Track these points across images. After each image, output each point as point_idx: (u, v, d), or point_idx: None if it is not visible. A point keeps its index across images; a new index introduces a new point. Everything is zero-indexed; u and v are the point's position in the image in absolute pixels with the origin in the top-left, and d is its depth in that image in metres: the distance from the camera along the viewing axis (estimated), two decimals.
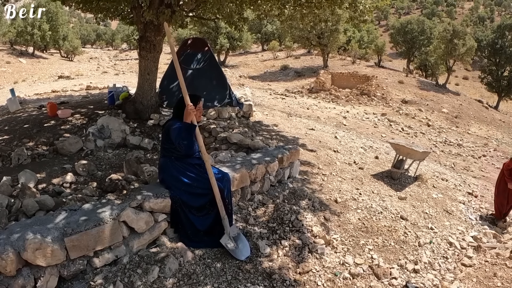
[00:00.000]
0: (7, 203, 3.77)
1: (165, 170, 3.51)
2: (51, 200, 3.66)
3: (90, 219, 2.84)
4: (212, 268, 3.26)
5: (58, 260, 2.68)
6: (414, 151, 6.95)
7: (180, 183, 3.42)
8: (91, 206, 3.04)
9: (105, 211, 2.96)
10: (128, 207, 3.04)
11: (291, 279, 3.34)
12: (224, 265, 3.34)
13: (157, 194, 3.30)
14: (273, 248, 3.70)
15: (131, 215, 3.03)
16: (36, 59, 33.37)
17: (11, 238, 2.60)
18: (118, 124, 6.32)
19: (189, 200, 3.42)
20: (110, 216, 2.92)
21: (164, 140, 3.51)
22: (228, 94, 8.38)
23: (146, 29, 6.25)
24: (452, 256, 4.37)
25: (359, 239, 4.23)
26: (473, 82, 44.90)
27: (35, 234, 2.62)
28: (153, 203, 3.22)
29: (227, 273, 3.25)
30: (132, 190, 3.42)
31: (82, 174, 4.99)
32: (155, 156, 5.79)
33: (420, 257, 4.13)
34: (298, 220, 4.18)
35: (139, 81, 6.69)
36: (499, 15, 78.87)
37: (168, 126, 3.43)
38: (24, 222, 2.87)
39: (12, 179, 4.74)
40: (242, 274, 3.27)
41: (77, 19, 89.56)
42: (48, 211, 3.55)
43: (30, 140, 6.76)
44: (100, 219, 2.87)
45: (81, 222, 2.80)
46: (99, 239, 2.83)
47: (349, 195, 5.34)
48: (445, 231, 4.93)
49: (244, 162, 4.38)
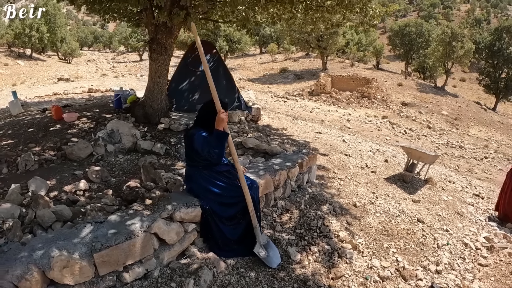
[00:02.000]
0: (19, 213, 3.61)
1: (193, 180, 3.38)
2: (68, 210, 3.52)
3: (120, 232, 2.72)
4: (246, 278, 3.20)
5: (86, 278, 2.55)
6: (426, 155, 6.98)
7: (210, 193, 3.32)
8: (119, 218, 2.92)
9: (135, 223, 2.84)
10: (159, 218, 2.92)
11: (325, 284, 3.36)
12: (258, 274, 3.30)
13: (187, 203, 3.19)
14: (303, 254, 3.70)
15: (162, 227, 2.92)
16: (34, 61, 33.19)
17: (34, 256, 2.42)
18: (128, 128, 6.18)
19: (219, 210, 3.34)
20: (141, 228, 2.80)
21: (188, 149, 3.37)
22: (237, 97, 8.35)
23: (157, 31, 6.12)
24: (469, 257, 4.45)
25: (382, 243, 4.28)
26: (470, 84, 45.19)
27: (61, 250, 2.47)
28: (183, 213, 3.11)
29: (262, 282, 3.23)
30: (159, 199, 3.30)
31: (95, 181, 4.80)
32: (168, 162, 5.67)
33: (441, 259, 4.21)
34: (325, 226, 4.18)
35: (149, 84, 6.57)
36: (495, 17, 79.67)
37: (191, 135, 3.26)
38: (45, 236, 2.71)
39: (21, 187, 4.51)
40: (277, 282, 3.25)
41: (74, 21, 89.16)
42: (65, 222, 3.45)
43: (36, 144, 6.52)
44: (131, 232, 2.74)
45: (110, 236, 2.68)
46: (130, 253, 2.71)
47: (367, 199, 5.34)
48: (459, 233, 4.99)
49: (266, 168, 4.30)
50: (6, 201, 3.82)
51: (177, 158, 5.83)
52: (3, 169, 5.51)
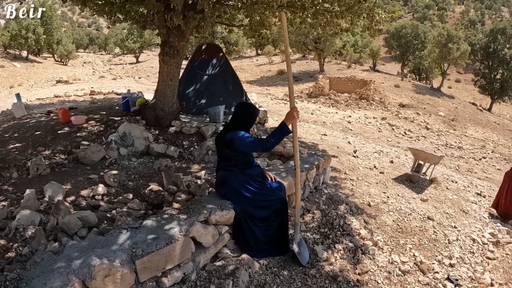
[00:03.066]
0: (40, 220, 3.53)
1: (227, 184, 3.44)
2: (94, 216, 3.48)
3: (160, 237, 2.70)
4: (280, 277, 3.30)
5: (127, 285, 2.51)
6: (432, 156, 7.18)
7: (243, 198, 3.39)
8: (155, 223, 2.90)
9: (173, 227, 2.83)
10: (197, 222, 2.94)
11: (353, 280, 3.52)
12: (291, 272, 3.41)
13: (221, 206, 3.23)
14: (328, 252, 3.86)
15: (200, 230, 2.94)
16: (30, 63, 32.98)
17: (72, 266, 2.32)
18: (140, 131, 6.18)
19: (253, 212, 3.41)
20: (180, 232, 2.79)
21: (225, 152, 3.42)
22: (245, 100, 8.39)
23: (169, 34, 6.12)
24: (477, 251, 4.72)
25: (399, 239, 4.50)
26: (465, 84, 45.63)
27: (102, 258, 2.40)
28: (218, 216, 3.16)
29: (296, 280, 3.33)
30: (191, 203, 3.32)
31: (112, 185, 4.74)
32: (183, 165, 5.68)
33: (452, 253, 4.46)
34: (347, 224, 4.35)
35: (161, 87, 6.57)
36: (489, 18, 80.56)
37: (231, 139, 3.28)
38: (79, 244, 2.63)
39: (36, 192, 4.37)
40: (310, 280, 3.38)
41: (69, 23, 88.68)
42: (89, 228, 3.40)
43: (46, 148, 6.44)
44: (171, 236, 2.73)
45: (150, 241, 2.64)
46: (170, 257, 2.70)
47: (379, 199, 5.52)
48: (466, 229, 5.24)
49: (287, 170, 4.37)
50: (24, 207, 3.75)
51: (191, 161, 5.86)
52: (13, 174, 5.42)
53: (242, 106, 3.51)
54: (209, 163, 5.70)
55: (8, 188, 4.76)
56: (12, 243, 3.12)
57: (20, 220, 3.42)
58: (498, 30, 30.40)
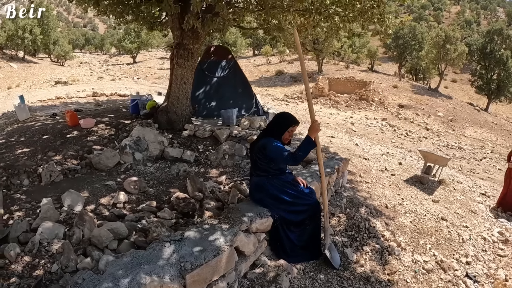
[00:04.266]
0: (64, 232, 3.37)
1: (263, 190, 3.47)
2: (124, 227, 3.37)
3: (207, 249, 2.65)
4: (318, 280, 3.40)
5: None
6: (442, 158, 7.32)
7: (281, 202, 3.43)
8: (198, 234, 2.85)
9: (218, 238, 2.80)
10: (240, 231, 2.93)
11: (384, 280, 3.68)
12: (326, 275, 3.52)
13: (260, 214, 3.24)
14: (357, 254, 3.97)
15: (244, 239, 2.94)
16: (27, 63, 32.71)
17: (120, 285, 2.23)
18: (154, 135, 6.11)
19: (290, 217, 3.46)
20: (225, 243, 2.77)
21: (259, 159, 3.46)
22: (254, 103, 8.40)
23: (184, 36, 6.08)
24: (489, 249, 4.91)
25: (418, 240, 4.65)
26: (462, 84, 45.99)
27: (151, 275, 2.31)
28: (258, 224, 3.17)
29: (333, 282, 3.45)
30: (229, 211, 3.31)
31: (133, 192, 4.61)
32: (201, 169, 5.62)
33: (468, 252, 4.66)
34: (372, 227, 4.48)
35: (174, 90, 6.53)
36: (485, 18, 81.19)
37: (264, 145, 3.35)
38: (120, 261, 2.52)
39: (52, 201, 4.20)
40: (345, 282, 3.50)
41: (65, 23, 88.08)
42: (119, 240, 3.29)
43: (56, 153, 6.19)
44: (217, 247, 2.70)
45: (198, 254, 2.59)
46: (216, 269, 2.66)
47: (395, 201, 5.63)
48: (477, 228, 5.42)
49: (312, 175, 4.40)
50: (43, 219, 3.58)
51: (208, 165, 5.82)
52: (24, 181, 5.18)
53: (276, 114, 3.61)
54: (226, 167, 5.67)
55: (21, 197, 4.61)
56: (38, 259, 2.97)
57: (43, 233, 3.25)
58: (495, 31, 30.66)
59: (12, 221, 3.87)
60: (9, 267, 2.89)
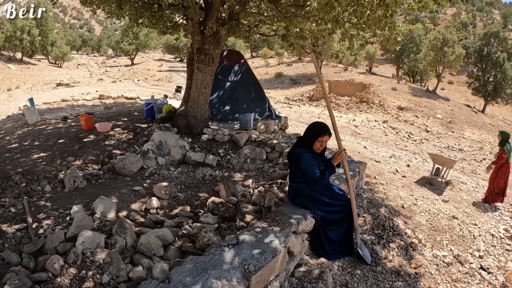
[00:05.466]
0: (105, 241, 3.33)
1: (303, 194, 3.69)
2: (170, 234, 3.44)
3: (266, 251, 2.75)
4: (356, 276, 3.67)
5: None
6: (450, 160, 7.61)
7: (321, 204, 3.68)
8: (252, 237, 2.95)
9: (273, 240, 2.91)
10: (291, 233, 3.08)
11: (412, 273, 3.98)
12: (363, 271, 3.79)
13: (304, 216, 3.43)
14: (385, 250, 4.26)
15: (294, 240, 3.10)
16: (25, 65, 32.60)
17: None
18: (175, 139, 6.19)
19: (329, 216, 3.72)
20: (280, 244, 2.88)
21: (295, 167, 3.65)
22: (267, 107, 8.55)
23: (205, 41, 6.18)
24: (497, 244, 5.24)
25: (435, 237, 4.96)
26: (458, 86, 46.43)
27: (221, 280, 2.39)
28: (304, 225, 3.35)
29: (369, 277, 3.73)
30: (276, 214, 3.46)
31: (163, 197, 4.66)
32: (225, 173, 5.72)
33: (479, 247, 5.00)
34: (396, 225, 4.79)
35: (194, 94, 6.63)
36: (481, 20, 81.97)
37: (298, 156, 3.54)
38: (183, 268, 2.54)
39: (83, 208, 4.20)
40: (380, 276, 3.79)
41: (61, 24, 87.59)
42: (165, 247, 3.32)
43: (76, 158, 6.16)
44: (274, 249, 2.80)
45: (258, 256, 2.68)
46: (273, 269, 2.76)
47: (410, 201, 5.89)
48: (485, 226, 5.75)
49: (338, 178, 4.62)
50: (79, 227, 3.52)
51: (231, 169, 5.94)
52: (45, 187, 5.12)
53: (309, 124, 3.80)
54: (249, 171, 5.80)
55: (46, 204, 4.56)
56: (85, 270, 2.89)
57: (85, 243, 3.17)
58: (492, 33, 31.09)
59: (42, 230, 3.82)
60: (55, 281, 2.80)
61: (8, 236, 3.67)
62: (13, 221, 4.07)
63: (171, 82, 30.95)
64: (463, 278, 4.19)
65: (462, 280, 4.15)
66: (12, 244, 3.55)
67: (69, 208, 4.32)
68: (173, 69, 40.28)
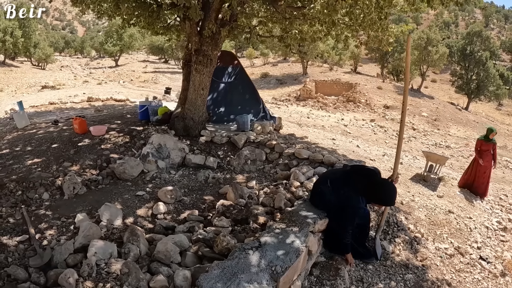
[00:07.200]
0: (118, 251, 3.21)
1: None
2: (187, 240, 3.41)
3: (289, 252, 2.78)
4: (369, 270, 3.85)
5: None
6: (443, 158, 7.77)
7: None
8: (274, 239, 2.96)
9: (294, 240, 2.94)
10: (310, 233, 3.13)
11: (420, 265, 4.24)
12: (374, 265, 4.00)
13: (319, 215, 3.48)
14: (392, 245, 4.48)
15: (313, 240, 3.16)
16: (8, 67, 31.86)
17: None
18: (174, 142, 6.13)
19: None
20: (301, 244, 2.92)
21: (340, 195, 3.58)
22: (262, 108, 8.58)
23: (203, 43, 6.15)
24: (492, 236, 5.53)
25: (435, 230, 5.16)
26: (441, 84, 47.34)
27: (252, 283, 2.42)
28: (320, 225, 3.41)
29: (380, 271, 3.94)
30: (292, 215, 3.49)
31: (169, 201, 4.59)
32: (227, 175, 5.71)
33: (476, 239, 5.26)
34: (399, 221, 5.01)
35: (191, 96, 6.58)
36: (463, 20, 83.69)
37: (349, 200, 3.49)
38: (209, 275, 2.51)
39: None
40: (390, 269, 4.03)
41: (43, 25, 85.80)
42: (181, 253, 3.26)
43: (72, 163, 5.95)
44: (297, 249, 2.84)
45: (283, 257, 2.71)
46: (297, 269, 2.81)
47: (408, 198, 6.04)
48: (479, 219, 6.00)
49: None
50: (87, 237, 3.36)
51: (231, 171, 5.94)
52: (42, 195, 4.90)
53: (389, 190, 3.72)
54: (250, 172, 5.83)
55: (46, 213, 4.39)
56: (103, 283, 2.75)
57: (97, 253, 3.04)
58: (474, 33, 31.84)
59: (46, 241, 3.65)
60: None
61: (11, 250, 3.47)
62: (14, 233, 3.87)
63: (157, 83, 30.72)
64: (466, 268, 4.48)
65: (465, 270, 4.45)
66: (16, 258, 3.35)
67: (72, 216, 4.22)
68: (158, 70, 39.95)
